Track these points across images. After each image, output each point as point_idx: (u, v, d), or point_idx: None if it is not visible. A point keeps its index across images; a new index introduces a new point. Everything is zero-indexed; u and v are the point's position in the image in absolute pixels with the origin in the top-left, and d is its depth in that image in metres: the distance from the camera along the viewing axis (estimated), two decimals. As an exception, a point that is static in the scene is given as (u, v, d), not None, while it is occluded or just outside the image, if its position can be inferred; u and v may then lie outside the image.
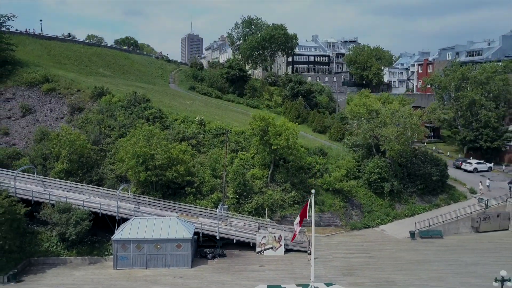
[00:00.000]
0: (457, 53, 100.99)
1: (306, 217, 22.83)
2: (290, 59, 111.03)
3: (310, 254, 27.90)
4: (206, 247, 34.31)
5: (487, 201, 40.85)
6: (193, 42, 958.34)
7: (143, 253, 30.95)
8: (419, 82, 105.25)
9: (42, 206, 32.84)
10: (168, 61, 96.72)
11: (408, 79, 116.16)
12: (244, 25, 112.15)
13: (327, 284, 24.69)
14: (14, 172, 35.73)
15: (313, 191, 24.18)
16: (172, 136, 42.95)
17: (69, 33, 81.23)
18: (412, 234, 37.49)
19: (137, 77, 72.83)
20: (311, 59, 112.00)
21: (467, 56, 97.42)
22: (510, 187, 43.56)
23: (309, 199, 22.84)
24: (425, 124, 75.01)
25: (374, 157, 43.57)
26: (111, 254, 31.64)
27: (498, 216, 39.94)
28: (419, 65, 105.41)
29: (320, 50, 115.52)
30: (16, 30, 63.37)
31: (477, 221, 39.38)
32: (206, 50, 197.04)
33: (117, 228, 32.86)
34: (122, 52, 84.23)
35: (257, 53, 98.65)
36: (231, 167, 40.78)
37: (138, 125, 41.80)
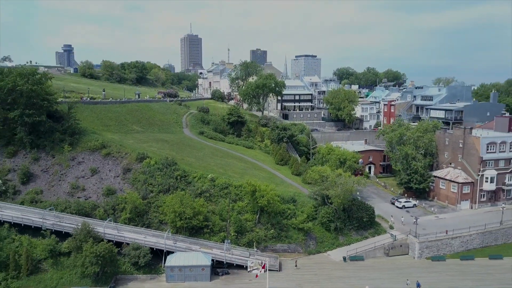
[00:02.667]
0: (414, 96, 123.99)
1: (264, 267, 45.35)
2: (279, 97, 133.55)
3: (263, 269, 50.58)
4: (217, 267, 57.04)
5: (395, 236, 63.85)
6: (192, 42, 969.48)
7: (182, 273, 53.65)
8: (384, 118, 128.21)
9: (122, 245, 55.49)
10: (180, 104, 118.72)
11: (378, 112, 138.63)
12: (242, 67, 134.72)
13: None
14: (100, 221, 58.28)
15: (275, 263, 46.85)
16: (193, 192, 65.62)
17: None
18: (344, 258, 60.39)
19: (160, 128, 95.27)
20: (297, 97, 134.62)
21: (421, 99, 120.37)
22: (415, 220, 66.22)
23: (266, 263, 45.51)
24: (380, 163, 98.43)
25: (325, 205, 66.37)
26: (163, 273, 54.38)
27: (401, 246, 62.93)
28: (384, 104, 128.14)
29: (304, 89, 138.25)
30: (75, 101, 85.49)
31: (387, 249, 62.36)
32: (208, 72, 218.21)
33: (164, 257, 55.60)
34: (145, 103, 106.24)
35: (252, 96, 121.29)
36: (232, 214, 63.48)
37: (173, 191, 64.06)
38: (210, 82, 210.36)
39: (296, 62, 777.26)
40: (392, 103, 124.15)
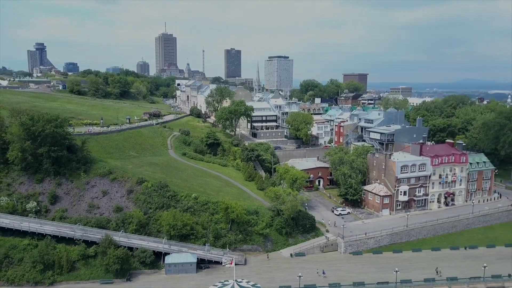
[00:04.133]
0: (359, 119, 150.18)
1: (232, 262, 69.01)
2: (249, 118, 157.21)
3: (231, 264, 74.59)
4: (201, 263, 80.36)
5: (328, 238, 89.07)
6: (167, 41, 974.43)
7: (176, 268, 76.73)
8: (335, 136, 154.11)
9: (133, 249, 77.96)
10: (164, 127, 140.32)
11: (331, 129, 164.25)
12: (217, 92, 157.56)
13: (253, 284, 70.80)
14: (115, 232, 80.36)
15: (236, 257, 70.73)
16: (181, 208, 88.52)
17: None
18: (291, 254, 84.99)
19: (150, 152, 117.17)
20: (264, 118, 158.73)
21: (365, 122, 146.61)
22: (343, 225, 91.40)
23: (232, 259, 69.41)
24: (327, 177, 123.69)
25: (279, 216, 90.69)
26: (163, 268, 77.35)
27: (332, 244, 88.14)
28: (335, 125, 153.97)
29: (270, 111, 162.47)
30: (83, 133, 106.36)
31: (322, 247, 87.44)
32: (187, 86, 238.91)
33: (162, 257, 78.50)
34: (137, 130, 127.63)
35: (226, 119, 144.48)
36: (211, 224, 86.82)
37: (167, 208, 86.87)
38: (188, 96, 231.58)
39: (269, 63, 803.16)
40: (342, 124, 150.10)
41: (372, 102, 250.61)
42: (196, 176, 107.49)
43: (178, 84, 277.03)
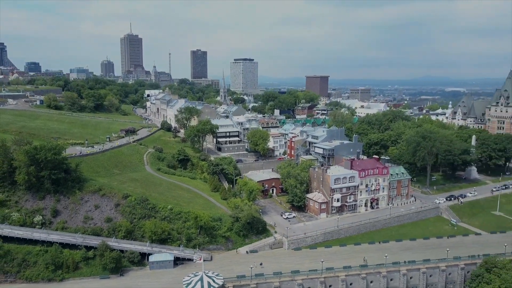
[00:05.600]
0: (308, 135, 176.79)
1: (201, 259, 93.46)
2: (214, 135, 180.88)
3: (201, 260, 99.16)
4: (177, 260, 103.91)
5: (275, 238, 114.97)
6: (132, 42, 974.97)
7: (158, 265, 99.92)
8: (288, 149, 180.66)
9: (123, 252, 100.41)
10: (140, 144, 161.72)
11: (285, 142, 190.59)
12: (186, 111, 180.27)
13: (216, 275, 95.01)
14: (108, 238, 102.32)
15: (204, 255, 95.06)
16: (160, 217, 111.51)
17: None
18: (247, 252, 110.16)
19: (130, 168, 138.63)
20: (227, 133, 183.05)
21: (311, 138, 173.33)
22: (287, 228, 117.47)
23: (201, 257, 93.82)
24: (280, 186, 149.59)
25: (238, 221, 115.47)
26: (147, 265, 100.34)
27: (278, 243, 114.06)
28: (288, 140, 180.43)
29: (233, 127, 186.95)
30: (74, 154, 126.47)
31: (271, 245, 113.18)
32: (157, 99, 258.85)
33: (147, 257, 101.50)
34: (118, 149, 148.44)
35: (194, 136, 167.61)
36: (184, 230, 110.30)
37: (148, 218, 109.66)
38: (158, 108, 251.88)
39: (235, 65, 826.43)
40: (293, 139, 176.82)
41: (325, 112, 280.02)
42: (170, 189, 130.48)
43: (148, 95, 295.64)
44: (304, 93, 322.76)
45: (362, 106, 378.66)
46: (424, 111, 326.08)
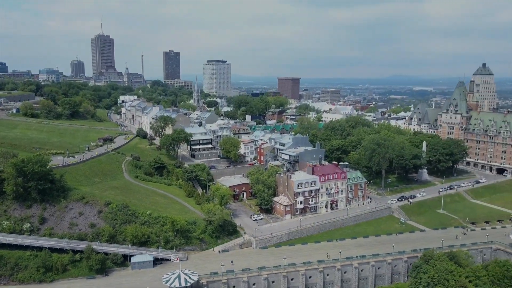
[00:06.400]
0: (276, 142, 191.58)
1: (178, 259, 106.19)
2: (188, 142, 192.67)
3: (178, 260, 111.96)
4: (156, 261, 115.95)
5: (245, 238, 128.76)
6: (103, 43, 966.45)
7: (139, 265, 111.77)
8: (258, 155, 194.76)
9: (108, 254, 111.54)
10: (118, 153, 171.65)
11: (255, 148, 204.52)
12: (160, 121, 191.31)
13: (192, 272, 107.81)
14: (93, 243, 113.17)
15: (180, 255, 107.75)
16: (140, 222, 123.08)
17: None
18: (219, 251, 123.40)
19: (110, 177, 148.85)
20: (201, 141, 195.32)
21: (279, 145, 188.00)
22: (255, 229, 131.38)
23: (178, 257, 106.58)
24: (250, 190, 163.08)
25: (211, 224, 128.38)
26: (129, 266, 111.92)
27: (247, 242, 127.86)
28: (258, 146, 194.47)
29: (206, 135, 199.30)
30: (57, 165, 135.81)
31: (241, 245, 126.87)
32: (132, 106, 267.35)
33: (129, 258, 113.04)
34: (97, 158, 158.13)
35: (169, 144, 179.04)
36: (162, 233, 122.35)
37: (129, 223, 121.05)
38: (133, 115, 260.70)
39: (208, 66, 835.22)
40: (262, 146, 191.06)
41: (294, 117, 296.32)
42: (148, 196, 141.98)
43: (123, 101, 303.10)
44: (275, 98, 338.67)
45: (330, 109, 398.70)
46: (387, 115, 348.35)
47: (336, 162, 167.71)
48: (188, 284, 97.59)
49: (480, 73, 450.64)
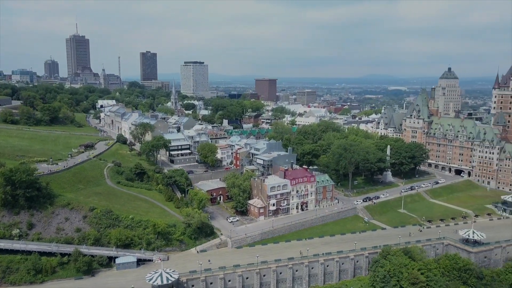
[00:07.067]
0: (251, 147, 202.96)
1: (160, 259, 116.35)
2: (167, 148, 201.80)
3: (159, 260, 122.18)
4: (139, 261, 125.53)
5: (221, 239, 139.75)
6: (79, 43, 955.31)
7: (123, 266, 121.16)
8: (234, 160, 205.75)
9: (94, 256, 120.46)
10: (100, 159, 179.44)
11: (232, 153, 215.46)
12: (140, 127, 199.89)
13: (173, 271, 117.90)
14: (80, 246, 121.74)
15: (162, 256, 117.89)
16: (123, 226, 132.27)
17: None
18: (198, 251, 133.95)
19: (93, 183, 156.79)
20: (179, 146, 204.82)
21: (254, 150, 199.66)
22: (231, 230, 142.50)
23: (161, 258, 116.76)
24: (226, 194, 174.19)
25: (189, 227, 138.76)
26: (115, 267, 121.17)
27: (224, 242, 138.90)
28: (234, 151, 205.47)
29: (185, 140, 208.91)
30: (42, 173, 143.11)
31: (217, 245, 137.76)
32: (111, 112, 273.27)
33: (114, 259, 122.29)
34: (80, 165, 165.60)
35: (149, 151, 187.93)
36: (144, 236, 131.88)
37: (113, 227, 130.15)
38: (112, 120, 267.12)
39: (185, 68, 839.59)
40: (238, 151, 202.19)
41: (269, 121, 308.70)
42: (130, 201, 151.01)
43: (102, 106, 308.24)
44: (251, 102, 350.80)
45: (305, 112, 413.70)
46: (357, 118, 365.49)
47: (306, 167, 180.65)
48: (170, 281, 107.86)
49: (446, 77, 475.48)
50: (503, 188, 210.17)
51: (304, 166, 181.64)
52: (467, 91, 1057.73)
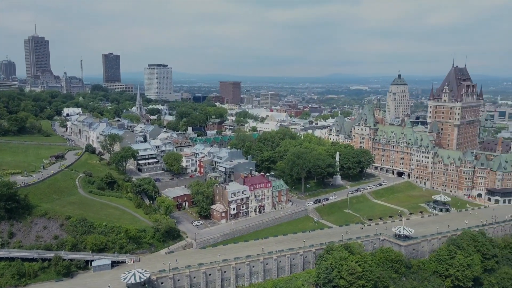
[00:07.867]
0: (214, 155, 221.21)
1: (132, 261, 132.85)
2: (135, 158, 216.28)
3: (132, 262, 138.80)
4: (113, 264, 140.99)
5: (187, 241, 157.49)
6: (38, 45, 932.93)
7: (99, 268, 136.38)
8: (199, 167, 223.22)
9: (72, 260, 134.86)
10: (71, 170, 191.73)
11: (196, 161, 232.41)
12: (109, 139, 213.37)
13: (144, 271, 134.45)
14: (60, 252, 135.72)
15: (134, 258, 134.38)
16: (98, 232, 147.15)
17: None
18: (166, 253, 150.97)
19: (67, 193, 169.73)
20: (146, 156, 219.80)
21: (217, 158, 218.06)
22: (195, 233, 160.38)
23: (134, 260, 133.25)
24: (191, 200, 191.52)
25: (158, 231, 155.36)
26: (91, 269, 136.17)
27: (189, 243, 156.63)
28: (198, 159, 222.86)
29: (151, 150, 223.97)
30: (19, 185, 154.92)
31: (183, 247, 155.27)
32: (79, 121, 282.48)
33: (90, 263, 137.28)
34: (54, 176, 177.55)
35: (118, 161, 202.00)
36: (117, 241, 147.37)
37: (89, 234, 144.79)
38: (80, 129, 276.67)
39: (149, 70, 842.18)
40: (202, 159, 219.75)
41: (232, 128, 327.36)
42: (103, 209, 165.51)
43: (68, 114, 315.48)
44: (215, 109, 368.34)
45: (267, 116, 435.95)
46: (314, 123, 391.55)
47: (263, 173, 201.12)
48: (142, 279, 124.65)
49: (396, 83, 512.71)
50: (436, 188, 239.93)
51: (262, 173, 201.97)
52: (424, 91, 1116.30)
